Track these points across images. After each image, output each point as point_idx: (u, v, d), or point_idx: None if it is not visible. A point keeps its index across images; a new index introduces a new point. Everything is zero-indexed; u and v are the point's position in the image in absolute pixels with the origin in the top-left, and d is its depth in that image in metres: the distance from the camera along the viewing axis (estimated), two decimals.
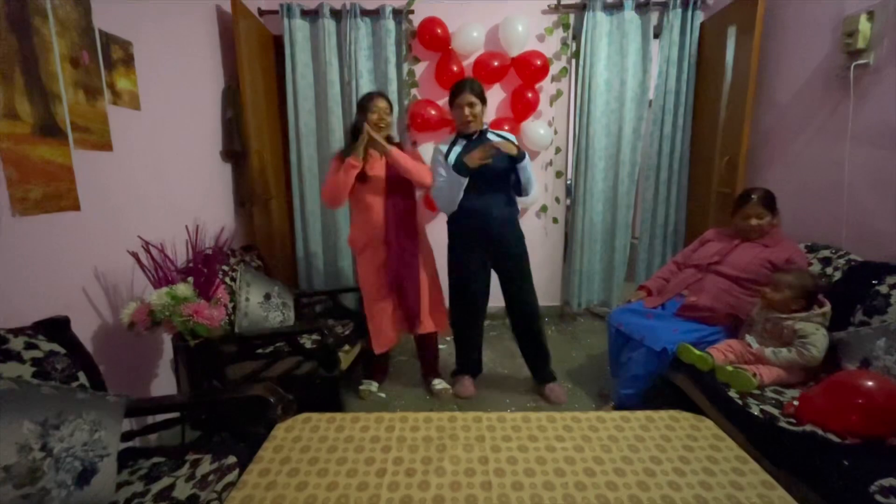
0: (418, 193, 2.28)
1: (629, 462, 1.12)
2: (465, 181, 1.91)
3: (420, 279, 2.11)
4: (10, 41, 1.24)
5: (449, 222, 2.12)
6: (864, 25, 1.84)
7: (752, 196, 1.91)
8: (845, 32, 1.91)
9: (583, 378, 2.42)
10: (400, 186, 2.03)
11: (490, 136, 2.01)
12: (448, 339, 2.84)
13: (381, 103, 1.96)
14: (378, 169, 2.01)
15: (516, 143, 1.99)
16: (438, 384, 2.28)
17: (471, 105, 1.87)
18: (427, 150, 2.73)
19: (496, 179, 1.98)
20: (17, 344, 1.08)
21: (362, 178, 1.95)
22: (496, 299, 2.23)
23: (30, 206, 1.28)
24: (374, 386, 2.28)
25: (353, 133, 1.99)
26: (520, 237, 2.11)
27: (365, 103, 1.98)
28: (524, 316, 2.16)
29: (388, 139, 2.03)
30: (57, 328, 1.21)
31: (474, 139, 1.99)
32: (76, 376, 1.17)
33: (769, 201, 1.89)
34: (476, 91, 1.89)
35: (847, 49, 1.91)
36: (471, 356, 2.29)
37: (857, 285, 1.67)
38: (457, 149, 1.99)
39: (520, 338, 2.24)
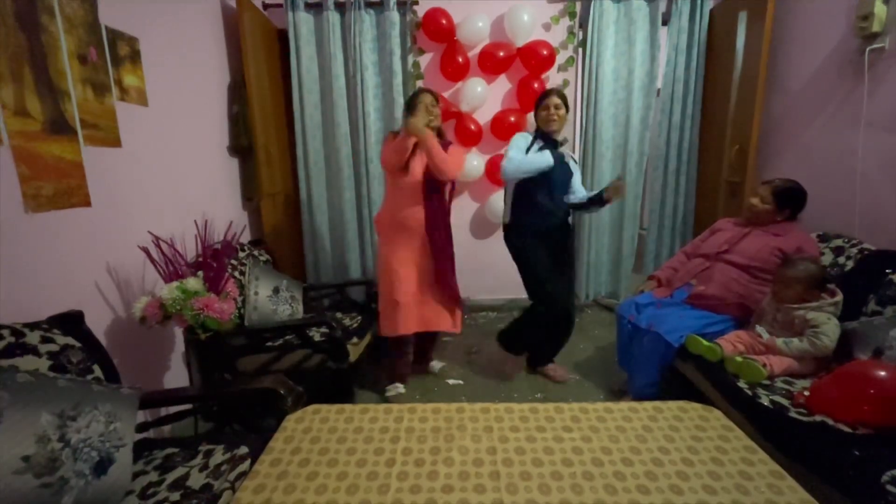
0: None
1: (637, 452, 1.12)
2: (542, 166, 2.01)
3: (455, 277, 2.14)
4: (19, 39, 1.25)
5: (521, 220, 2.16)
6: (880, 8, 1.79)
7: (773, 181, 1.90)
8: (859, 16, 1.87)
9: (591, 369, 2.41)
10: (439, 183, 2.05)
11: (564, 150, 2.20)
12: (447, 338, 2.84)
13: (428, 98, 2.02)
14: (420, 162, 2.02)
15: (578, 164, 2.18)
16: (437, 364, 2.41)
17: (556, 106, 2.04)
18: None
19: (563, 184, 2.16)
20: (33, 338, 1.10)
21: (405, 165, 1.99)
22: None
23: (42, 202, 1.30)
24: (401, 388, 2.19)
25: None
26: (571, 235, 2.29)
27: (412, 101, 2.04)
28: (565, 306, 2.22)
29: (439, 133, 2.08)
30: (71, 322, 1.23)
31: (550, 144, 2.09)
32: (91, 369, 1.20)
33: (782, 194, 1.85)
34: (562, 96, 2.06)
35: (861, 33, 1.87)
36: (560, 344, 2.33)
37: (870, 274, 1.65)
38: (534, 148, 2.08)
39: (551, 323, 2.24)
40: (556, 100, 2.03)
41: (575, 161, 2.22)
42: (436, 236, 2.06)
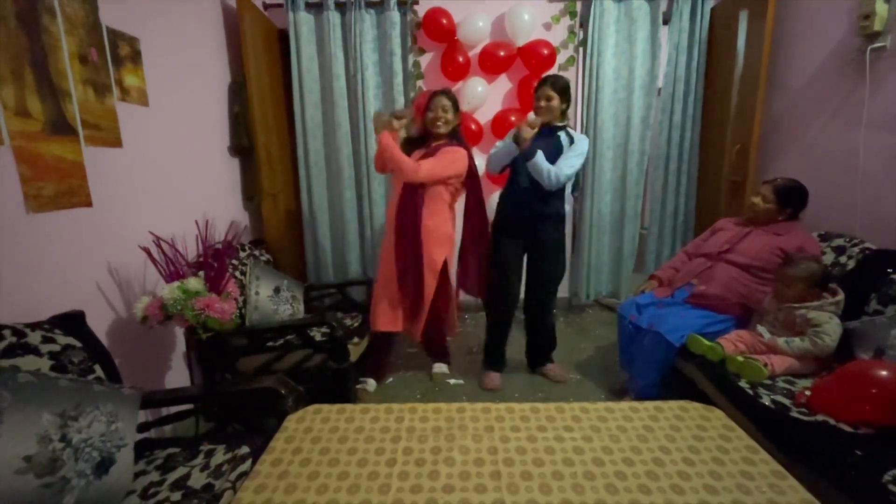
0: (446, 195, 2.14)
1: (638, 452, 1.12)
2: (515, 151, 1.98)
3: (424, 282, 2.03)
4: (20, 40, 1.25)
5: (498, 213, 2.19)
6: (881, 7, 1.79)
7: (775, 180, 1.90)
8: (861, 15, 1.86)
9: (592, 369, 2.41)
10: (420, 187, 2.01)
11: (561, 134, 2.03)
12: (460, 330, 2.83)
13: (442, 101, 2.02)
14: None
15: (585, 144, 2.02)
16: (438, 368, 2.34)
17: (547, 98, 1.98)
18: None
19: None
20: (34, 338, 1.10)
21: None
22: None
23: (43, 203, 1.30)
24: (370, 385, 2.23)
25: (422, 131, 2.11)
26: (555, 230, 2.13)
27: (428, 102, 2.05)
28: (538, 302, 2.21)
29: (452, 133, 2.09)
30: (73, 322, 1.23)
31: (546, 131, 2.00)
32: (92, 369, 1.20)
33: (783, 192, 1.85)
34: (557, 86, 1.98)
35: (863, 32, 1.87)
36: (496, 350, 2.29)
37: (871, 274, 1.65)
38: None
39: (530, 323, 2.26)
40: (548, 91, 1.97)
41: (573, 141, 2.01)
42: (403, 239, 2.02)
